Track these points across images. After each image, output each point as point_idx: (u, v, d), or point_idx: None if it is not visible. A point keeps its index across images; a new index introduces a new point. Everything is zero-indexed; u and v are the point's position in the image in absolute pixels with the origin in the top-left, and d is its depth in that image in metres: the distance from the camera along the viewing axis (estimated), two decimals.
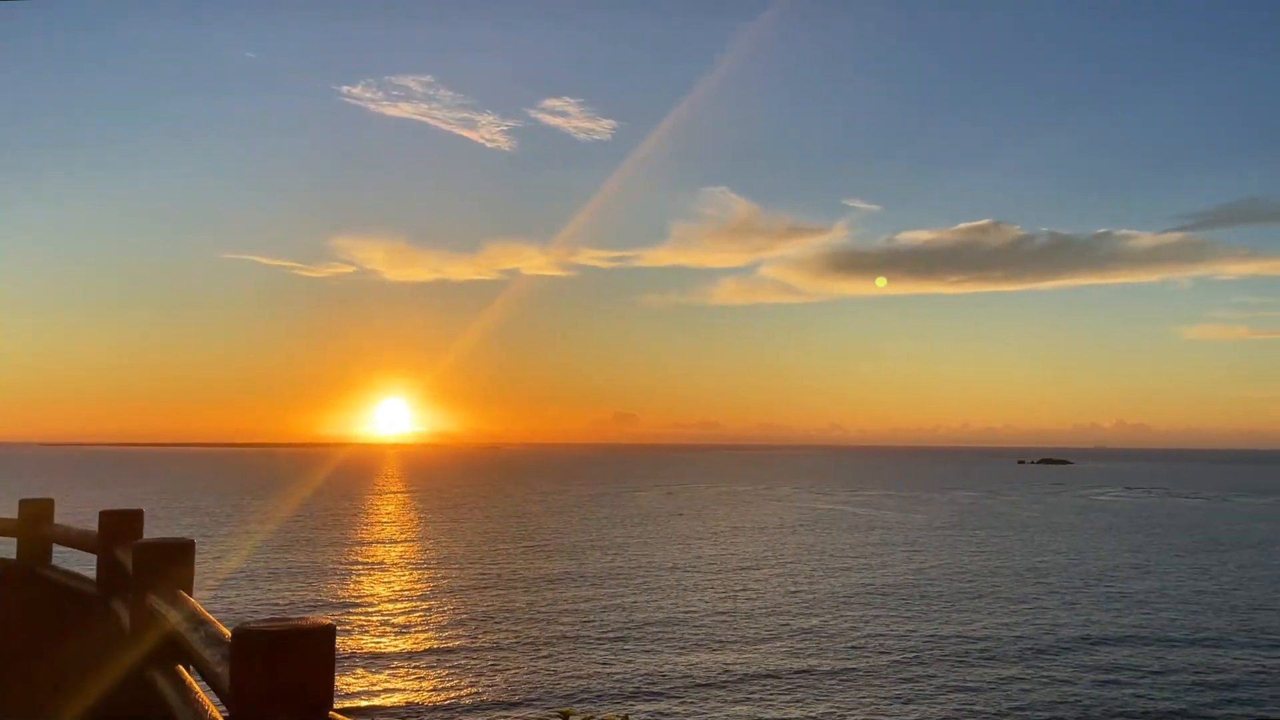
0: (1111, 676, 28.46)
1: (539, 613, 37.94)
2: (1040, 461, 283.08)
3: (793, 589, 44.55)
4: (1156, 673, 28.95)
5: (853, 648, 32.10)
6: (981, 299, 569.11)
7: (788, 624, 36.07)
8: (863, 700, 26.02)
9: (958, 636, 33.86)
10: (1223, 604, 40.89)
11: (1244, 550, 61.88)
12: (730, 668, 29.31)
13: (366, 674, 28.56)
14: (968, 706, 25.48)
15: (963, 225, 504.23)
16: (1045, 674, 28.77)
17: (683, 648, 31.96)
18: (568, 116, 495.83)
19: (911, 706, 25.46)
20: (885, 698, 26.23)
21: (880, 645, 32.48)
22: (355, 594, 42.68)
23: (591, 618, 36.87)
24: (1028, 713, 24.99)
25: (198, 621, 4.42)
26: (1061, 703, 25.84)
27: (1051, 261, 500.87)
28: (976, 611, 38.74)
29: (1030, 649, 32.04)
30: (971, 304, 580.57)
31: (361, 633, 34.35)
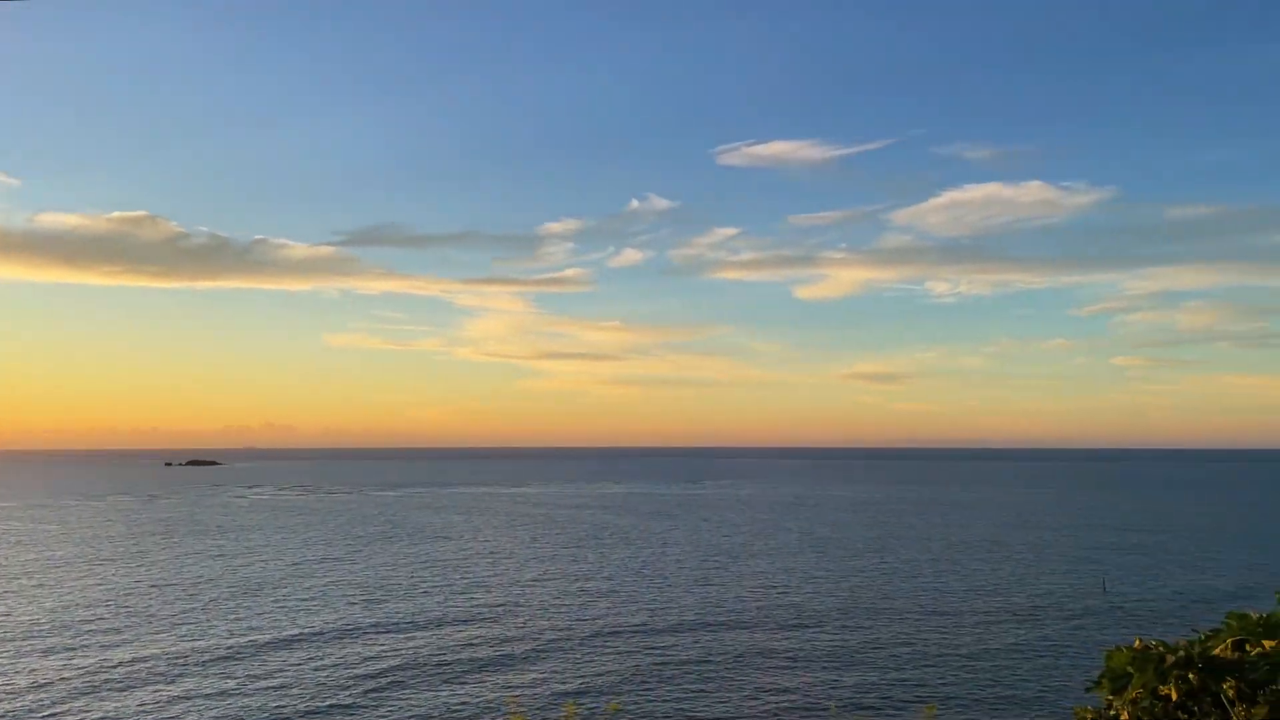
0: (276, 681, 29.20)
1: None
2: (189, 463, 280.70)
3: None
4: (291, 668, 30.99)
5: None
6: (135, 293, 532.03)
7: None
8: None
9: (101, 664, 31.86)
10: (386, 593, 45.50)
11: (408, 542, 69.88)
12: None
13: None
14: None
15: (117, 214, 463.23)
16: (211, 687, 28.67)
17: None
18: None
19: None
20: None
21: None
22: None
23: None
24: None
25: None
26: (232, 714, 26.22)
27: (209, 262, 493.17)
28: (125, 633, 36.83)
29: (202, 662, 31.53)
30: (124, 298, 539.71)
31: None
